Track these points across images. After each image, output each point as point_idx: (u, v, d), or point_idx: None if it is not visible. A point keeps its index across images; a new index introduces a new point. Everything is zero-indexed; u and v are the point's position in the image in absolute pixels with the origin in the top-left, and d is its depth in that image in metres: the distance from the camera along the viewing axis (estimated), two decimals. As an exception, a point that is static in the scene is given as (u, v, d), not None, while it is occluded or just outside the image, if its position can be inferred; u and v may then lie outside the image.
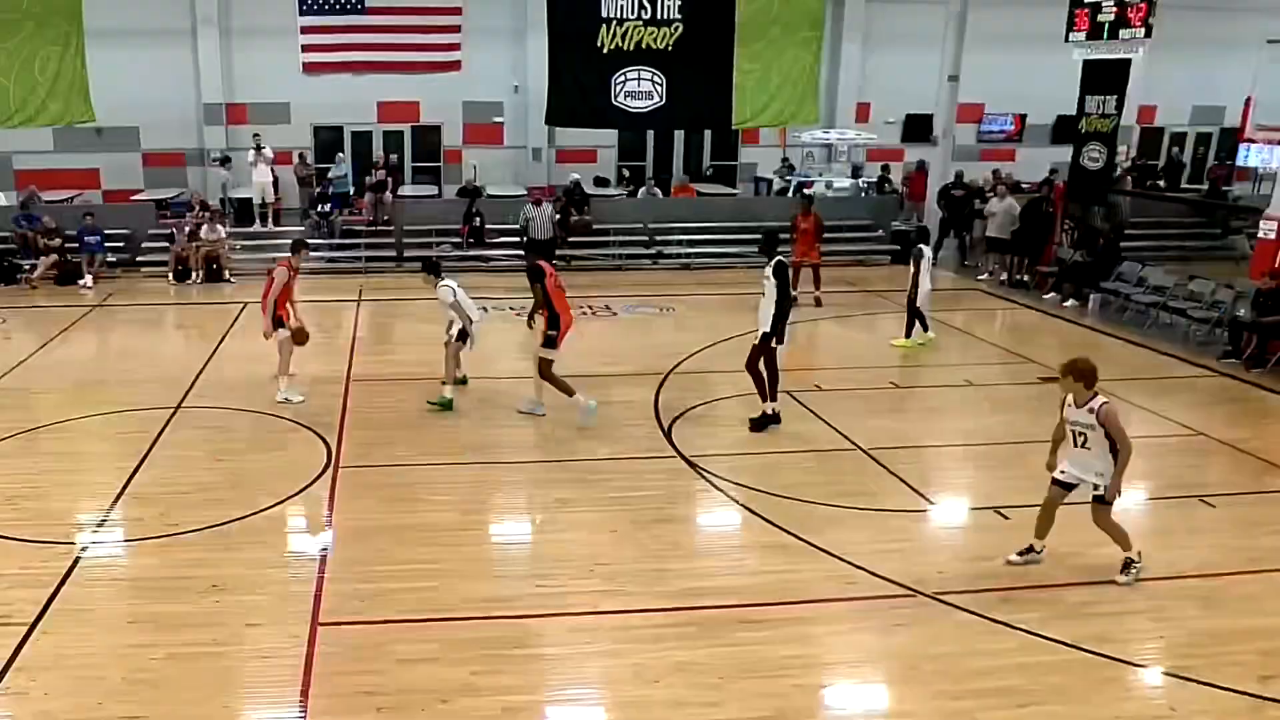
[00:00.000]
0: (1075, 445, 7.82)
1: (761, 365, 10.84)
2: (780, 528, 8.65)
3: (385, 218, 21.20)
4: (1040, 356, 14.34)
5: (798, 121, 22.11)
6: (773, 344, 10.70)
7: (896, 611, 7.38)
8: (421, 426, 11.07)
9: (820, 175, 25.15)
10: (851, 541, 8.40)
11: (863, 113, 26.99)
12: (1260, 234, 15.38)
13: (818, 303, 17.26)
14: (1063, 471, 7.95)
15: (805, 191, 21.55)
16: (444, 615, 7.14)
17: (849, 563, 8.05)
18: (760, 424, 10.84)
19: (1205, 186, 27.36)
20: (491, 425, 11.13)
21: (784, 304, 10.63)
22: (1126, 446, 7.59)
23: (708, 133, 26.68)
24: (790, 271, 10.75)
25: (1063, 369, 7.78)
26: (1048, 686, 6.48)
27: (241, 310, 16.64)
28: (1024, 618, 7.29)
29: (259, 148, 21.24)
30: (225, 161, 22.95)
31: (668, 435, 10.82)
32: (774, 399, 10.97)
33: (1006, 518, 9.01)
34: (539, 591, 7.53)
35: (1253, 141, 17.90)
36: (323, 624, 6.98)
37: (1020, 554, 8.16)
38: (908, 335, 14.64)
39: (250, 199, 21.92)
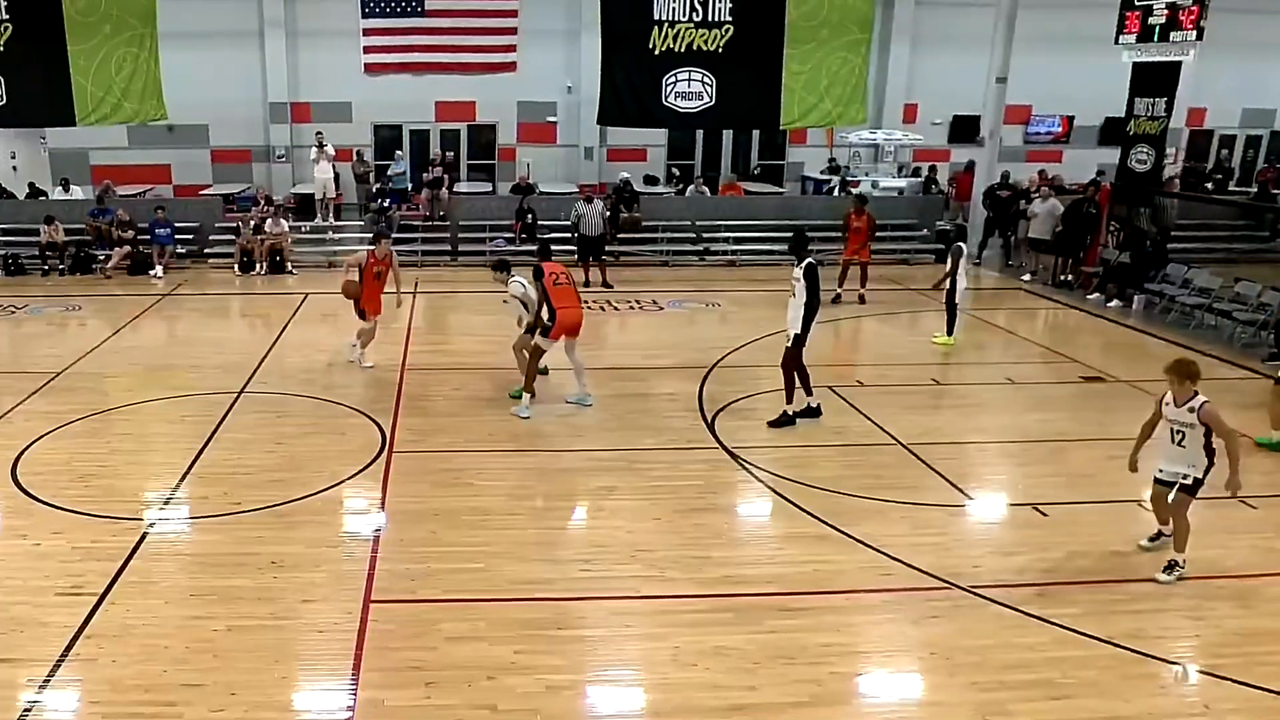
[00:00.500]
0: (1173, 442, 7.85)
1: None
2: (819, 519, 8.66)
3: (441, 213, 21.41)
4: (1082, 356, 14.19)
5: (845, 122, 21.95)
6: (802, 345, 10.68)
7: (932, 604, 7.36)
8: (473, 414, 11.20)
9: (866, 175, 25.07)
10: (889, 534, 8.39)
11: (910, 113, 26.78)
12: (1309, 238, 15.08)
13: (861, 300, 17.20)
14: (1161, 470, 7.98)
15: (855, 191, 21.42)
16: (490, 596, 7.25)
17: (886, 554, 8.05)
18: (780, 422, 10.76)
19: (1254, 189, 26.84)
20: (541, 415, 11.18)
21: (814, 305, 10.60)
22: (1235, 441, 7.65)
23: (756, 132, 26.60)
24: (819, 273, 10.66)
25: (1170, 368, 7.81)
26: (1081, 681, 6.44)
27: (303, 300, 16.93)
28: (1059, 613, 7.25)
29: (321, 145, 21.52)
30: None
31: (710, 427, 10.86)
32: (809, 394, 10.96)
33: (1045, 514, 8.94)
34: (582, 575, 7.62)
35: (1303, 144, 17.51)
36: (375, 601, 7.11)
37: (1151, 539, 8.26)
38: (949, 332, 14.54)
39: (312, 194, 22.21)
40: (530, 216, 20.29)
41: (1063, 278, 19.04)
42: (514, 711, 5.98)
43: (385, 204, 21.21)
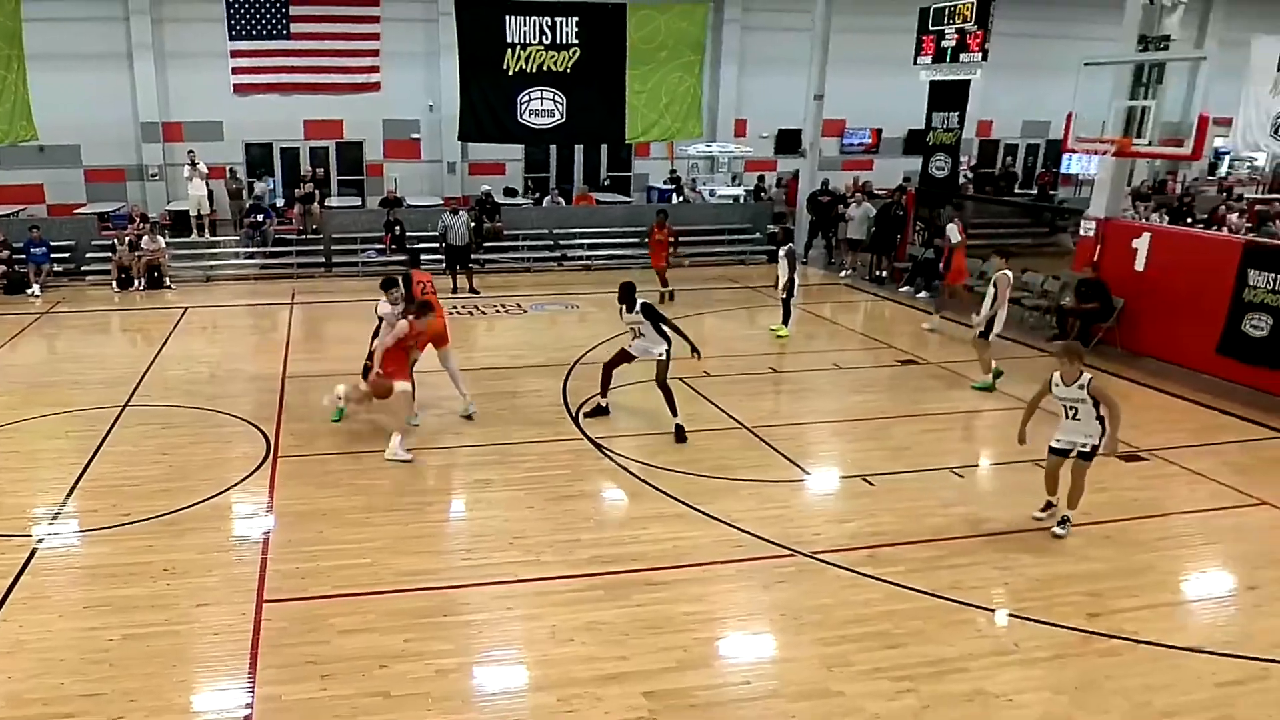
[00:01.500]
0: (1067, 417, 8.15)
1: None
2: (676, 499, 8.76)
3: (314, 227, 20.74)
4: (897, 342, 14.72)
5: (683, 136, 22.25)
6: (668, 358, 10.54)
7: (779, 570, 7.54)
8: (353, 418, 10.88)
9: (708, 184, 25.45)
10: (738, 509, 8.55)
11: (740, 128, 27.22)
12: (1081, 232, 15.88)
13: (670, 297, 17.29)
14: (1057, 440, 8.25)
15: (661, 206, 21.56)
16: (378, 589, 7.08)
17: (737, 528, 8.20)
18: (680, 437, 10.39)
19: (1034, 191, 28.25)
20: (414, 415, 10.97)
21: (673, 328, 10.54)
22: (1118, 409, 7.98)
23: (604, 146, 26.65)
24: (654, 307, 10.62)
25: (1062, 352, 8.12)
26: (910, 630, 6.71)
27: (182, 314, 16.17)
28: (888, 571, 7.52)
29: (194, 163, 20.57)
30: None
31: (575, 420, 10.85)
32: (604, 395, 10.95)
33: (872, 484, 9.25)
34: (464, 564, 7.52)
35: (1073, 152, 18.41)
36: (268, 601, 6.86)
37: (1042, 510, 8.52)
38: (785, 324, 14.86)
39: (187, 211, 21.20)
40: (399, 228, 19.84)
41: (877, 273, 19.71)
42: (406, 696, 5.87)
43: (259, 220, 20.43)
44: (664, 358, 10.43)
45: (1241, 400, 12.07)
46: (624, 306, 10.54)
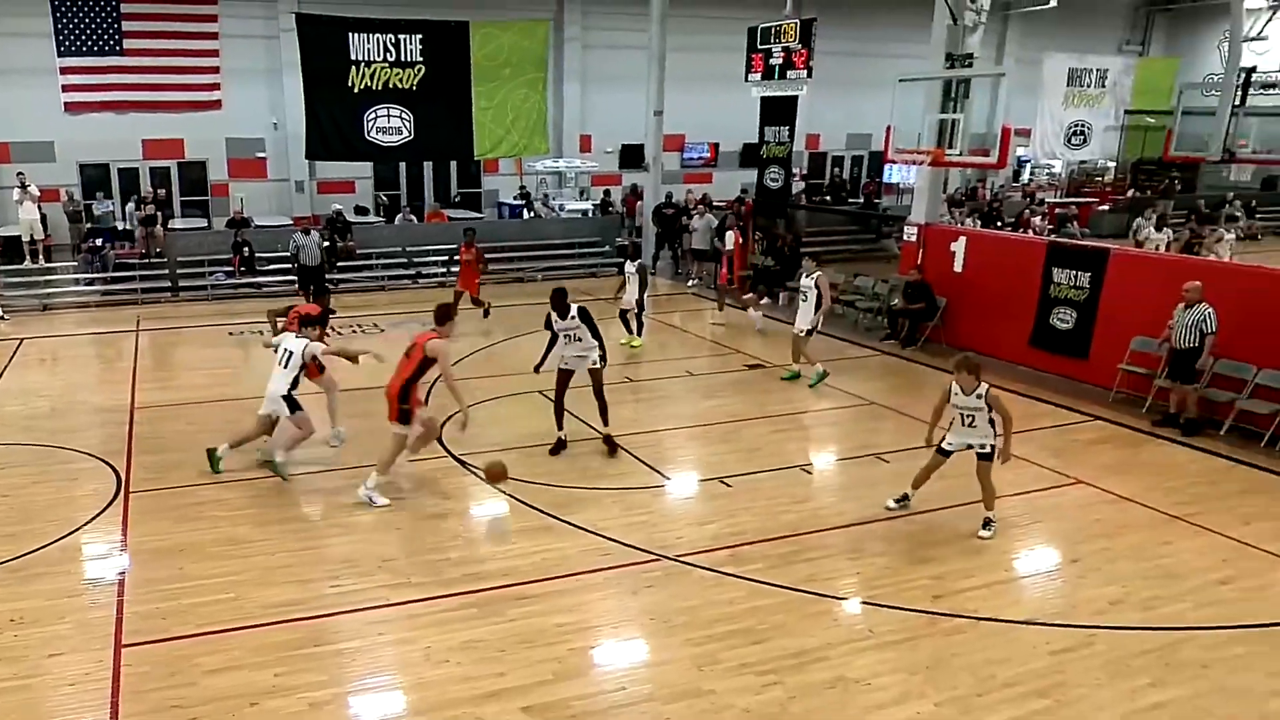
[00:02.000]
0: (963, 424, 8.30)
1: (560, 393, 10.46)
2: (543, 511, 8.68)
3: (158, 250, 19.64)
4: (743, 348, 15.00)
5: (530, 152, 22.12)
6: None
7: (646, 575, 7.56)
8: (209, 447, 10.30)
9: (558, 198, 25.40)
10: (604, 518, 8.54)
11: (585, 143, 27.27)
12: (904, 237, 16.57)
13: (486, 314, 16.79)
14: (949, 443, 8.44)
15: (468, 225, 21.08)
16: (245, 624, 6.73)
17: (603, 536, 8.18)
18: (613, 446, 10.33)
19: (861, 200, 29.34)
20: (273, 441, 10.51)
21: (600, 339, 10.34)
22: (1010, 418, 8.21)
23: (454, 163, 26.24)
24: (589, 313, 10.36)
25: (958, 364, 8.24)
26: (773, 624, 6.83)
27: (18, 346, 15.02)
28: (749, 569, 7.65)
29: (24, 186, 19.14)
30: None
31: (439, 438, 10.57)
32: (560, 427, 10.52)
33: (729, 485, 9.39)
34: (333, 591, 7.23)
35: (894, 162, 19.18)
36: (127, 645, 6.42)
37: (897, 500, 8.74)
38: (639, 335, 14.96)
39: (19, 236, 19.72)
40: (247, 250, 19.04)
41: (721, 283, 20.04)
42: (280, 733, 5.60)
43: (98, 244, 19.21)
44: (599, 364, 10.23)
45: (1053, 388, 12.82)
46: (556, 314, 10.16)
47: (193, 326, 16.58)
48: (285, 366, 9.35)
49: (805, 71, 18.30)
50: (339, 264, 19.71)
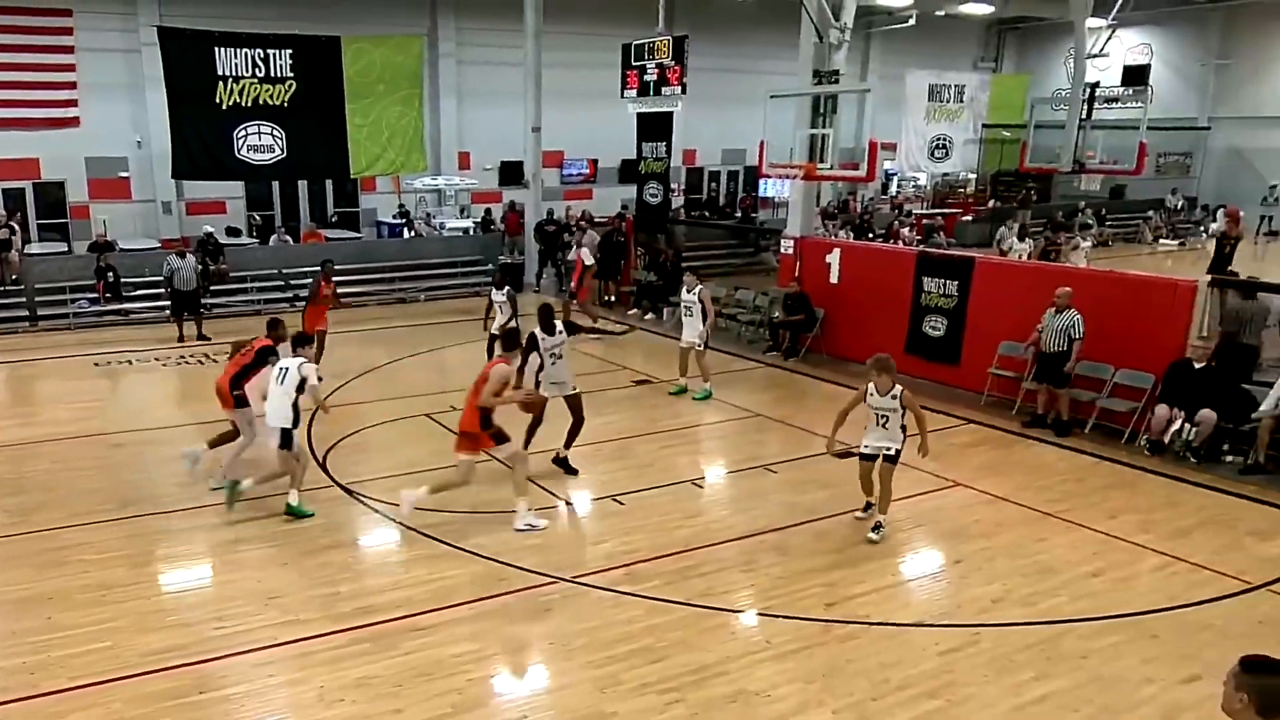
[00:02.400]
0: (877, 425, 8.47)
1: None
2: (436, 539, 8.51)
3: (14, 277, 18.49)
4: (630, 363, 15.06)
5: (408, 170, 21.76)
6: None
7: (544, 599, 7.48)
8: (76, 485, 9.74)
9: (434, 217, 25.06)
10: (498, 542, 8.42)
11: (464, 160, 27.02)
12: (781, 250, 16.94)
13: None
14: (867, 446, 8.57)
15: (327, 258, 20.15)
16: (123, 674, 6.34)
17: (499, 561, 8.06)
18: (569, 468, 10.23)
19: (739, 214, 29.90)
20: (150, 475, 10.05)
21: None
22: (923, 415, 8.48)
23: (329, 182, 25.61)
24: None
25: (874, 365, 8.38)
26: (672, 641, 6.84)
27: None
28: (645, 586, 7.65)
29: None
30: None
31: (323, 466, 10.29)
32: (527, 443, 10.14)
33: (622, 504, 9.40)
34: (218, 634, 6.89)
35: (768, 176, 19.56)
36: (-9, 705, 6.02)
37: (863, 510, 8.90)
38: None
39: None
40: (112, 275, 18.13)
41: (606, 298, 20.10)
42: (166, 788, 5.32)
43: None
44: (577, 388, 10.13)
45: (928, 394, 13.15)
46: (543, 331, 9.86)
47: (54, 357, 15.67)
48: (282, 383, 8.95)
49: (679, 88, 18.50)
50: (211, 288, 18.96)
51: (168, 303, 17.09)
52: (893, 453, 8.49)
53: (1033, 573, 7.98)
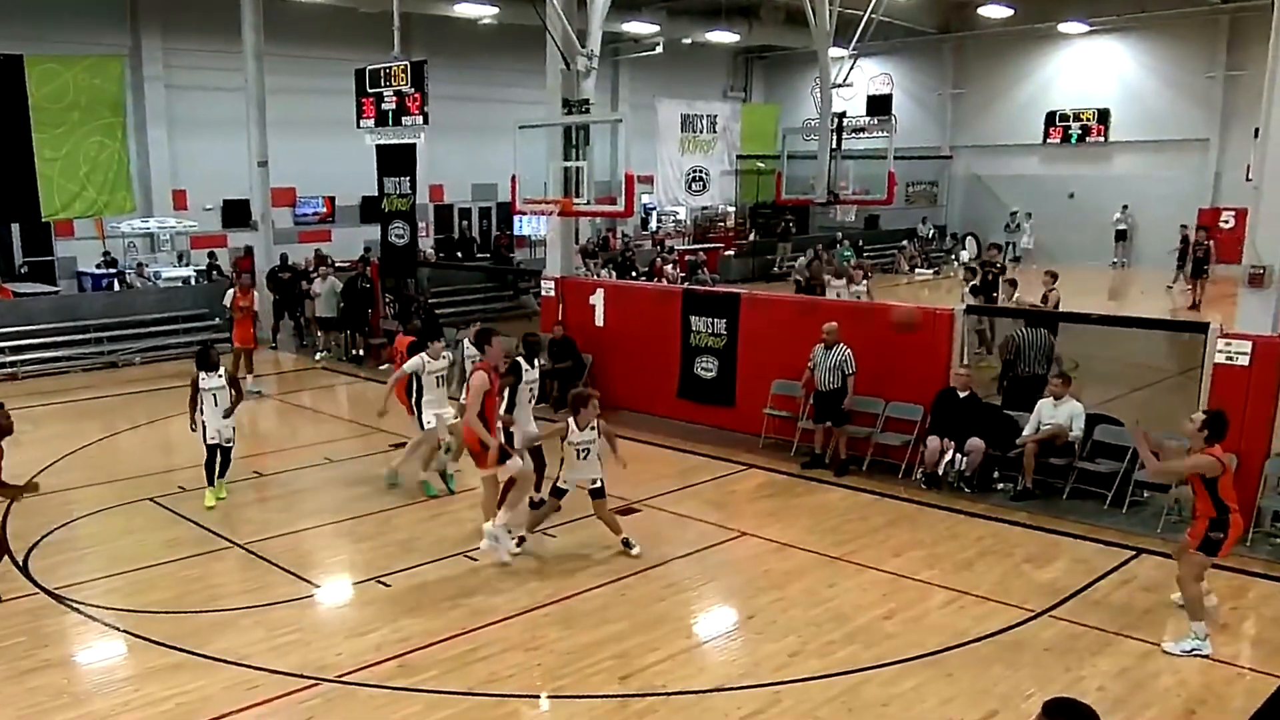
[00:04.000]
0: (579, 459, 9.32)
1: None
2: (170, 646, 7.82)
3: None
4: (386, 425, 14.51)
5: (112, 211, 20.35)
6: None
7: (305, 705, 7.03)
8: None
9: (146, 265, 23.44)
10: (246, 643, 7.87)
11: (180, 199, 25.49)
12: (543, 292, 17.02)
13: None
14: (564, 482, 9.54)
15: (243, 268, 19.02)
16: None
17: (248, 666, 7.52)
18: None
19: (488, 255, 29.86)
20: None
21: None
22: (615, 437, 9.72)
23: (16, 226, 23.37)
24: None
25: (574, 401, 9.37)
26: (456, 740, 6.63)
27: None
28: (422, 679, 7.37)
29: None
30: None
31: (24, 570, 9.26)
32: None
33: (387, 585, 9.05)
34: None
35: (523, 213, 19.67)
36: None
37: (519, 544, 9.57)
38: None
39: None
40: None
41: (354, 352, 19.37)
42: None
43: None
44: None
45: (706, 439, 13.70)
46: (528, 363, 10.47)
47: None
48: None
49: (421, 117, 18.16)
50: None
51: None
52: (599, 485, 9.52)
53: (826, 621, 8.34)
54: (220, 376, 10.91)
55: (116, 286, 22.11)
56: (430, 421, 11.28)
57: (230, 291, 16.71)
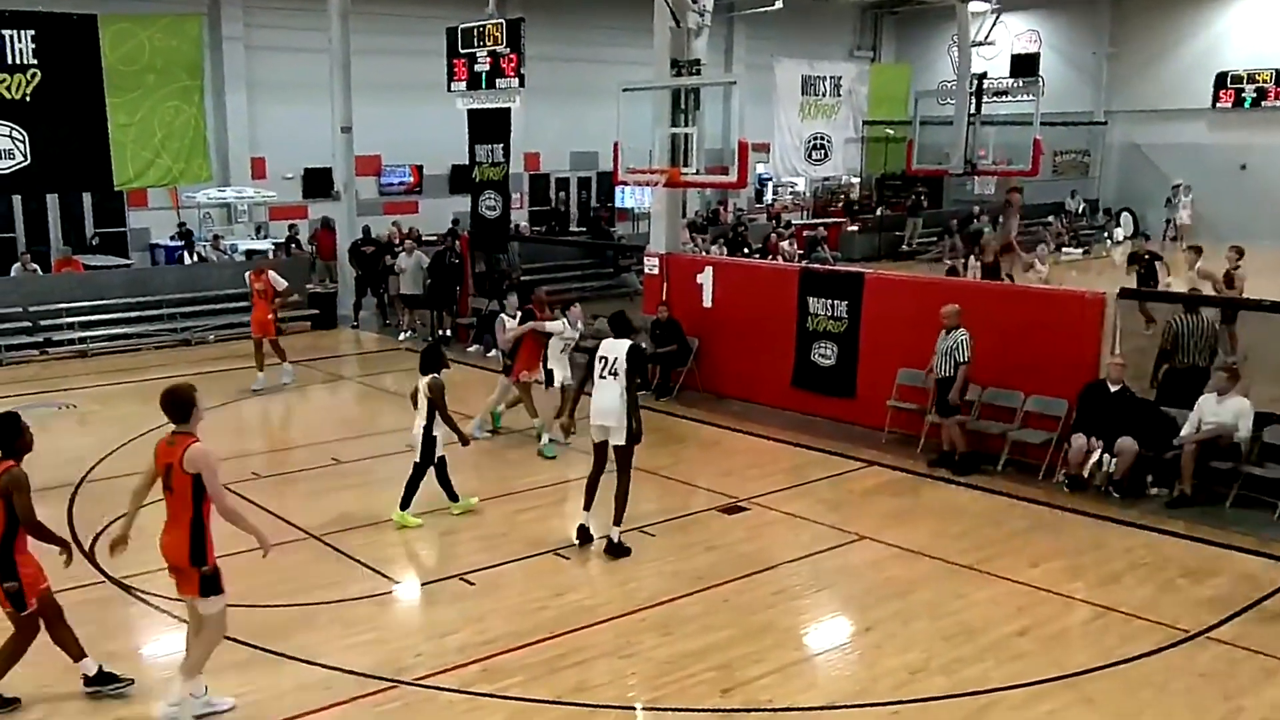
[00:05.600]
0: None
1: None
2: (240, 642, 8.01)
3: None
4: (473, 410, 14.79)
5: (188, 180, 21.01)
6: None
7: (381, 710, 7.19)
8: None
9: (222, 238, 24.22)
10: (321, 641, 8.07)
11: (259, 168, 26.29)
12: (646, 270, 17.02)
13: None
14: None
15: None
16: None
17: (321, 665, 7.71)
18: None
19: (584, 229, 30.01)
20: None
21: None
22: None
23: (87, 196, 24.39)
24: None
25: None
26: (543, 752, 6.69)
27: None
28: (506, 684, 7.45)
29: None
30: None
31: (90, 557, 9.64)
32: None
33: (472, 583, 9.18)
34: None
35: (625, 184, 19.64)
36: None
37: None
38: None
39: None
40: None
41: (441, 332, 19.64)
42: None
43: None
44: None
45: (823, 433, 13.54)
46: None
47: None
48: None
49: (516, 79, 18.32)
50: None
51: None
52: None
53: (953, 635, 8.17)
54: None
55: (189, 260, 22.88)
56: (562, 378, 12.94)
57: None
